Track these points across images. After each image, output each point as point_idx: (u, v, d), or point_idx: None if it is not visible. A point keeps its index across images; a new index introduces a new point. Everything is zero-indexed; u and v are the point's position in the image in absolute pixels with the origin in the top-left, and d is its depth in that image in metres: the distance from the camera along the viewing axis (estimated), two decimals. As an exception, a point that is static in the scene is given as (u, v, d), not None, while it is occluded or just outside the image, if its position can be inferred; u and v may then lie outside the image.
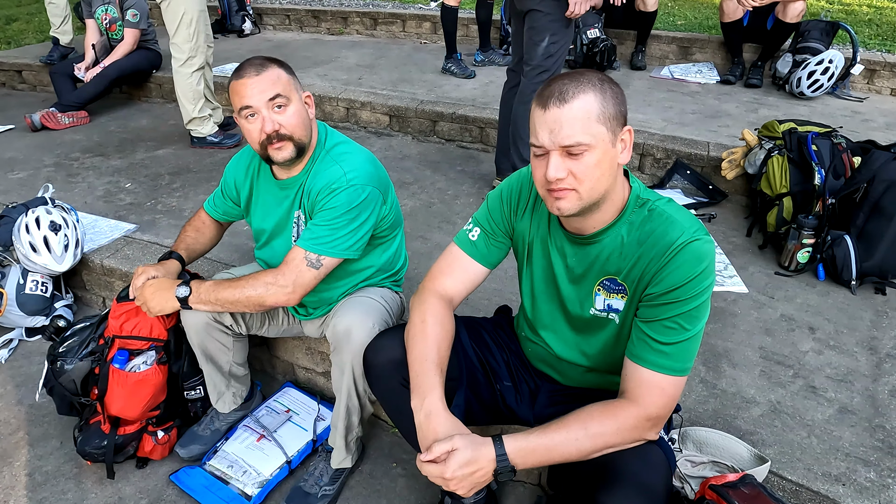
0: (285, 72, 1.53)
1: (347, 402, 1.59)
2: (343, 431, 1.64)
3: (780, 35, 3.84)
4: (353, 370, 1.53)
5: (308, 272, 1.52)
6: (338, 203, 1.52)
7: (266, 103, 1.48)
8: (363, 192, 1.54)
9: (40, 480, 1.76)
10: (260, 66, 1.48)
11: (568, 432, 1.11)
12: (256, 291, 1.52)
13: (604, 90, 1.09)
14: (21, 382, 2.13)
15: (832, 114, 3.49)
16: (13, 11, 6.90)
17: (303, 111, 1.55)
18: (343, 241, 1.53)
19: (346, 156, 1.58)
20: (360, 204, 1.53)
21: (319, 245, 1.51)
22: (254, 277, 1.55)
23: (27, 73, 4.75)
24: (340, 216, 1.52)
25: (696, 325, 1.13)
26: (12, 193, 2.97)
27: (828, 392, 1.73)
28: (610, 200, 1.17)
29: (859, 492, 1.43)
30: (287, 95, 1.50)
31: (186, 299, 1.58)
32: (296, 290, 1.52)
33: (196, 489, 1.71)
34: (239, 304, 1.55)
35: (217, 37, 5.43)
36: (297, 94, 1.54)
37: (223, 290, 1.55)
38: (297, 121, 1.52)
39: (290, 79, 1.53)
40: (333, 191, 1.52)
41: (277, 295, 1.52)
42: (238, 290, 1.54)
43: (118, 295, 1.78)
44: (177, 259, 1.77)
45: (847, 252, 2.19)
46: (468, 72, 4.19)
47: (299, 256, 1.52)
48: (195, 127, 3.49)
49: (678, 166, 2.95)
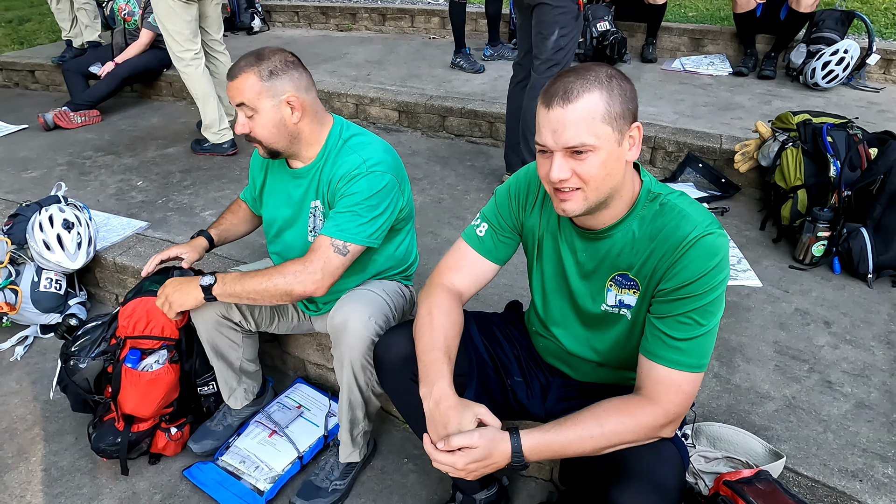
0: (260, 79, 1.47)
1: (349, 396, 1.58)
2: (347, 426, 1.64)
3: (794, 25, 3.78)
4: (352, 364, 1.51)
5: (336, 258, 1.49)
6: (359, 189, 1.50)
7: (238, 106, 1.51)
8: (383, 180, 1.53)
9: (56, 475, 1.78)
10: (235, 71, 1.49)
11: (583, 429, 1.10)
12: (285, 279, 1.49)
13: (611, 87, 1.06)
14: (37, 379, 2.15)
15: (847, 105, 3.43)
16: (26, 12, 6.97)
17: (275, 118, 1.50)
18: (366, 227, 1.51)
19: (364, 145, 1.57)
20: (380, 191, 1.52)
21: (344, 232, 1.50)
22: (280, 267, 1.52)
23: (40, 73, 4.79)
24: (362, 202, 1.50)
25: (711, 320, 1.11)
26: (26, 192, 3.00)
27: (844, 387, 1.71)
28: (619, 196, 1.15)
29: (877, 488, 1.41)
30: (253, 106, 1.49)
31: (211, 288, 1.55)
32: (325, 278, 1.49)
33: (209, 484, 1.72)
34: (266, 294, 1.51)
35: (226, 34, 5.43)
36: (271, 100, 1.49)
37: (249, 280, 1.52)
38: (264, 131, 1.52)
39: (262, 87, 1.47)
40: (354, 177, 1.51)
41: (306, 283, 1.48)
42: (265, 279, 1.50)
43: (125, 296, 1.79)
44: (206, 238, 1.81)
45: (863, 245, 2.15)
46: (477, 66, 4.17)
47: (325, 244, 1.49)
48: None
49: (690, 159, 2.92)
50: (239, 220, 1.90)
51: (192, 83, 3.25)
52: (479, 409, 1.15)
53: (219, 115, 3.33)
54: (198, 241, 1.82)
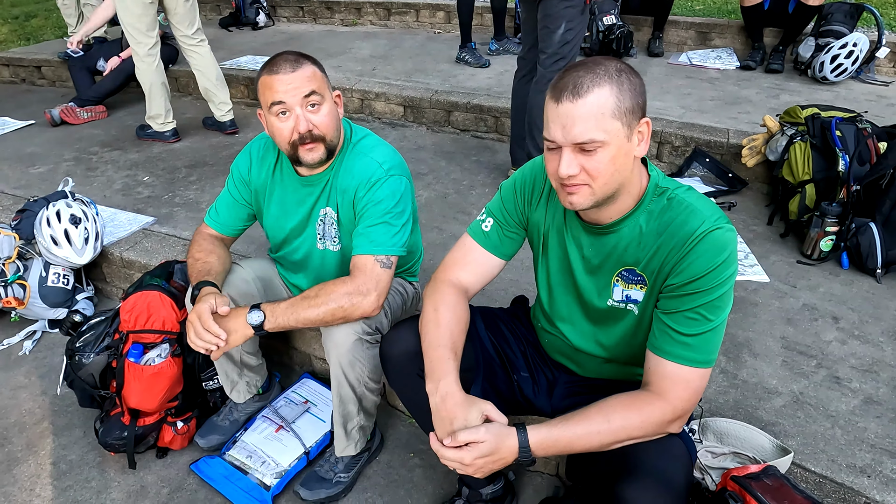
0: (319, 69, 1.48)
1: (339, 391, 1.57)
2: (340, 420, 1.63)
3: (803, 18, 3.75)
4: (339, 360, 1.51)
5: (384, 273, 1.48)
6: (384, 195, 1.49)
7: (301, 101, 1.43)
8: (401, 183, 1.52)
9: (65, 469, 1.80)
10: (295, 62, 1.43)
11: (591, 424, 1.09)
12: (340, 304, 1.44)
13: (621, 82, 1.05)
14: (45, 373, 2.17)
15: (856, 98, 3.41)
16: (32, 8, 6.99)
17: (335, 111, 1.51)
18: (399, 237, 1.50)
19: (375, 148, 1.56)
20: (402, 196, 1.51)
21: (382, 246, 1.48)
22: (327, 291, 1.45)
23: (46, 69, 4.81)
24: (391, 209, 1.49)
25: (719, 315, 1.11)
26: (33, 188, 3.01)
27: (852, 382, 1.70)
28: (627, 191, 1.15)
29: (885, 483, 1.40)
30: (322, 94, 1.46)
31: (262, 325, 1.46)
32: (380, 296, 1.47)
33: (216, 479, 1.73)
34: (322, 322, 1.47)
35: (231, 29, 5.46)
36: (330, 92, 1.51)
37: (302, 311, 1.45)
38: (330, 121, 1.48)
39: (324, 77, 1.49)
40: (374, 183, 1.50)
41: (364, 306, 1.45)
42: (320, 307, 1.44)
43: (126, 291, 1.79)
44: (213, 286, 1.55)
45: (872, 240, 2.14)
46: (483, 61, 4.15)
47: (370, 262, 1.47)
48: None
49: (697, 154, 2.90)
50: (223, 261, 1.67)
51: (143, 76, 3.34)
52: (486, 405, 1.15)
53: (165, 110, 3.46)
54: (212, 289, 1.55)
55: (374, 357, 1.53)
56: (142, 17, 3.15)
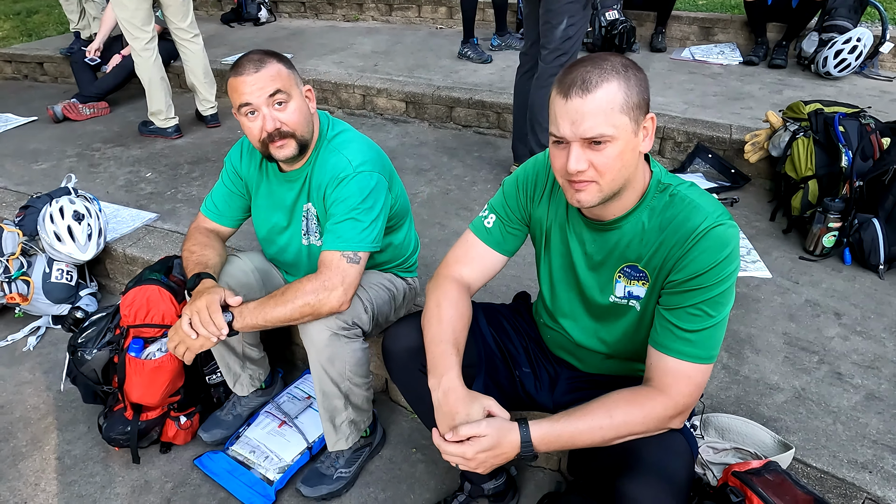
0: (285, 66, 1.48)
1: (321, 386, 1.57)
2: (326, 415, 1.62)
3: (806, 13, 3.73)
4: (318, 356, 1.51)
5: (351, 269, 1.48)
6: (350, 192, 1.49)
7: (266, 100, 1.44)
8: (372, 179, 1.52)
9: (69, 464, 1.81)
10: (259, 62, 1.44)
11: (593, 419, 1.10)
12: (306, 301, 1.44)
13: (628, 77, 1.05)
14: (49, 369, 2.18)
15: (860, 94, 3.39)
16: (34, 4, 6.98)
17: (304, 107, 1.51)
18: (368, 233, 1.50)
19: (347, 144, 1.55)
20: (371, 192, 1.51)
21: (349, 242, 1.49)
22: (294, 289, 1.46)
23: (48, 65, 4.81)
24: (358, 205, 1.49)
25: (721, 311, 1.11)
26: (36, 184, 3.02)
27: (854, 378, 1.70)
28: (631, 187, 1.14)
29: (886, 479, 1.41)
30: (287, 91, 1.46)
31: (230, 324, 1.46)
32: (347, 291, 1.47)
33: (219, 474, 1.74)
34: (292, 320, 1.47)
35: (233, 25, 5.46)
36: (298, 88, 1.50)
37: (270, 309, 1.45)
38: (298, 117, 1.48)
39: (290, 73, 1.48)
40: (342, 180, 1.50)
41: (331, 301, 1.45)
42: (286, 305, 1.44)
43: (126, 286, 1.80)
44: (211, 278, 1.57)
45: (875, 236, 2.14)
46: (485, 56, 4.14)
47: (336, 258, 1.47)
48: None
49: (699, 150, 2.90)
50: (219, 253, 1.69)
51: (141, 71, 3.36)
52: (488, 400, 1.15)
53: (166, 105, 3.48)
54: (212, 282, 1.57)
55: (355, 352, 1.54)
56: (136, 11, 3.17)
